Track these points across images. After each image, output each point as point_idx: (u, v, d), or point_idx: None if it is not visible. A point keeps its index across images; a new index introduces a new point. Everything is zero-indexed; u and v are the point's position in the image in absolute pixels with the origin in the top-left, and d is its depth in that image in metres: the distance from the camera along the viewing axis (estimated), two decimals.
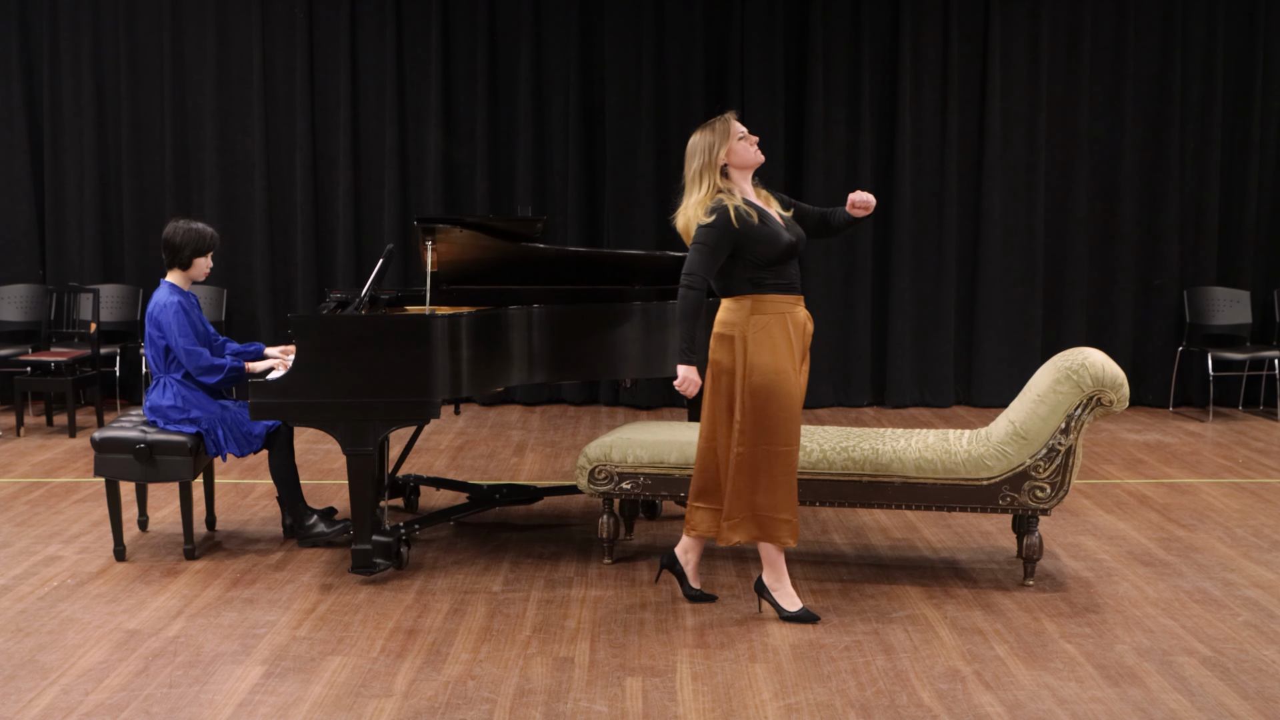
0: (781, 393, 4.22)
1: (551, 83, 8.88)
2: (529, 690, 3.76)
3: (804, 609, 4.36)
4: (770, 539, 4.31)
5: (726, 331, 4.29)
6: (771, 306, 4.26)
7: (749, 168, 4.33)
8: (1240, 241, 8.99)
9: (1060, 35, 8.87)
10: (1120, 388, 4.53)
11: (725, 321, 4.30)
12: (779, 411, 4.23)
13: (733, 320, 4.28)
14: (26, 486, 6.37)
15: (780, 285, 4.28)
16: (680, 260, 5.84)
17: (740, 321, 4.26)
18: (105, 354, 8.32)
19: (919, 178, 8.85)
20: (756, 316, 4.25)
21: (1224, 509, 6.01)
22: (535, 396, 9.02)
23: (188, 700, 3.68)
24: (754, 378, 4.22)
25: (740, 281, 4.28)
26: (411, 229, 8.43)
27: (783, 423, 4.24)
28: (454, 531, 5.53)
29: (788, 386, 4.24)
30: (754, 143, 4.33)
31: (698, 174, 4.30)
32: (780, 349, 4.24)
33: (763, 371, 4.22)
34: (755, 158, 4.33)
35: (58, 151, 8.91)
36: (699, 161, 4.30)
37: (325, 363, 4.67)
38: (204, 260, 5.13)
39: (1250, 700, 3.70)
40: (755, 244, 4.22)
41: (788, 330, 4.26)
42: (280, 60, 8.89)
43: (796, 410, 4.28)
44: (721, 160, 4.28)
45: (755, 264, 4.24)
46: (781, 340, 4.24)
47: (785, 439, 4.25)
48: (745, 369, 4.24)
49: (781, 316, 4.26)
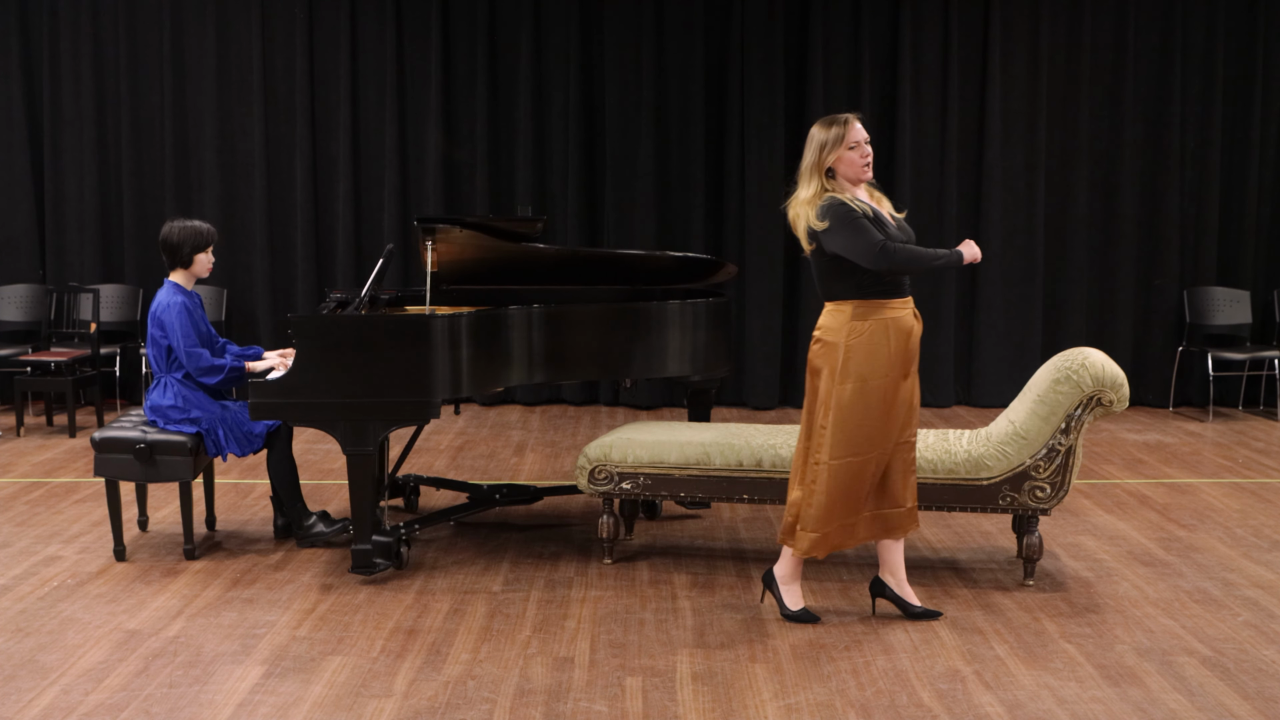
0: (868, 404, 4.12)
1: (551, 83, 8.88)
2: (529, 690, 3.76)
3: (805, 609, 4.35)
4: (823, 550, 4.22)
5: (827, 337, 4.18)
6: (873, 312, 4.13)
7: (853, 181, 4.18)
8: (1240, 241, 8.99)
9: (1060, 35, 8.87)
10: (1120, 388, 4.53)
11: (826, 327, 4.19)
12: (864, 422, 4.13)
13: (834, 326, 4.17)
14: (26, 486, 6.37)
15: (885, 289, 4.15)
16: (680, 260, 5.91)
17: (840, 327, 4.15)
18: (105, 354, 8.31)
19: (919, 178, 8.85)
20: (856, 323, 4.13)
21: (1224, 509, 6.01)
22: (535, 396, 9.02)
23: (188, 700, 3.68)
24: (843, 387, 4.13)
25: (845, 285, 4.15)
26: (411, 229, 8.44)
27: (864, 435, 4.13)
28: (454, 531, 5.53)
29: (874, 398, 4.12)
30: (866, 156, 4.15)
31: (808, 170, 4.17)
32: (877, 357, 4.12)
33: (858, 380, 4.12)
34: (861, 174, 4.16)
35: (58, 151, 8.91)
36: (810, 158, 4.17)
37: (325, 363, 4.68)
38: (205, 256, 5.13)
39: (1250, 700, 3.70)
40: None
41: (889, 337, 4.13)
42: (280, 60, 8.89)
43: (883, 419, 4.15)
44: (829, 163, 4.14)
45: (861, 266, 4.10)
46: (881, 348, 4.12)
47: (857, 448, 4.14)
48: (838, 376, 4.14)
49: (884, 323, 4.13)
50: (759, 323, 8.86)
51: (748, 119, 8.79)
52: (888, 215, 4.23)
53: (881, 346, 4.13)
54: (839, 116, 4.17)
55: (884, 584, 4.41)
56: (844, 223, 4.08)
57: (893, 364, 4.15)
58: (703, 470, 4.88)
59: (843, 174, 4.16)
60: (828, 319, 4.21)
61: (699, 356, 5.43)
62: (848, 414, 4.14)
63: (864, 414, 4.14)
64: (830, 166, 4.15)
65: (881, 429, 4.17)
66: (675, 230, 8.92)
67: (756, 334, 8.87)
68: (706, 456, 4.88)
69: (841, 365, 4.13)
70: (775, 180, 8.80)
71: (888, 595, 4.40)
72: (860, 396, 4.13)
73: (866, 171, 4.17)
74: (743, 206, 8.85)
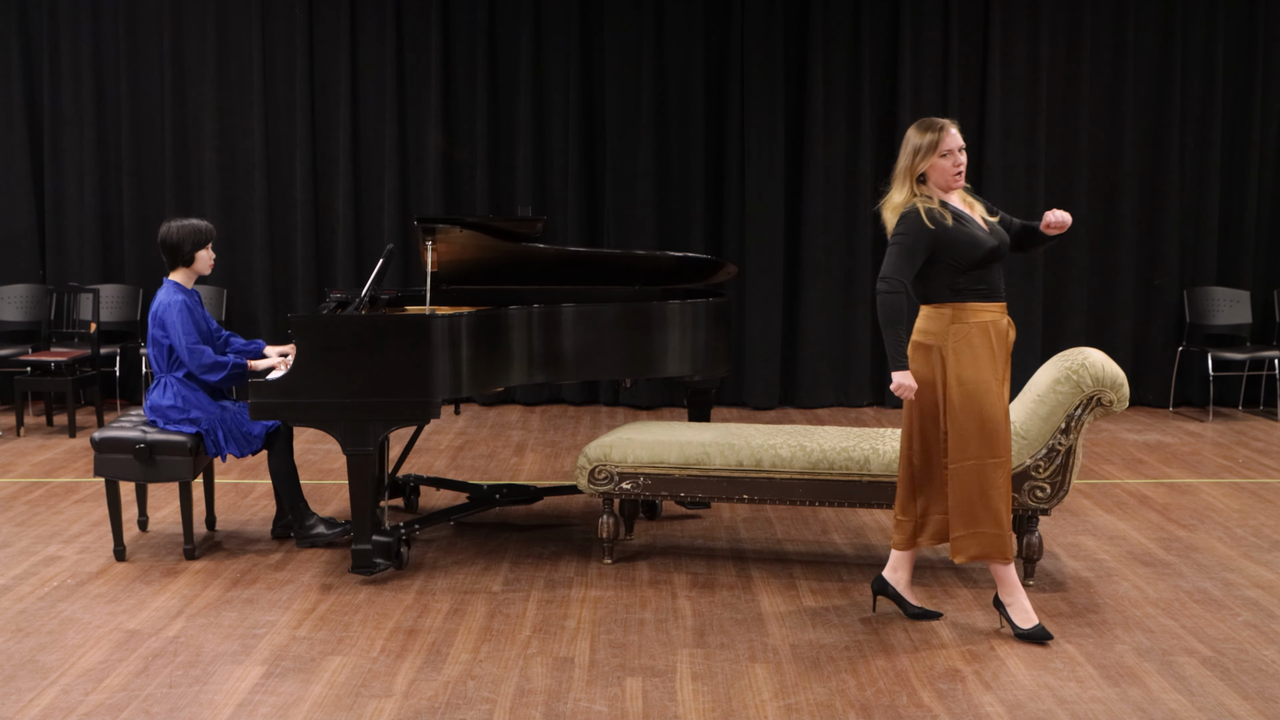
0: (986, 404, 4.06)
1: (551, 83, 8.88)
2: (529, 690, 3.76)
3: (1038, 626, 4.18)
4: (988, 557, 4.16)
5: (926, 341, 4.12)
6: (973, 314, 4.08)
7: (943, 189, 4.13)
8: (1240, 241, 8.99)
9: (1060, 35, 8.87)
10: (1120, 388, 4.53)
11: (924, 330, 4.14)
12: (986, 424, 4.06)
13: (933, 329, 4.12)
14: (26, 486, 6.37)
15: (981, 292, 4.10)
16: (680, 260, 5.91)
17: (940, 331, 4.10)
18: (105, 354, 8.31)
19: None
20: (957, 326, 4.08)
21: (1224, 509, 6.01)
22: (535, 396, 9.02)
23: (188, 700, 3.68)
24: (957, 390, 4.07)
25: (940, 288, 4.10)
26: (411, 229, 8.44)
27: (991, 434, 4.07)
28: (454, 531, 5.53)
29: (991, 398, 4.06)
30: (959, 165, 4.10)
31: (901, 174, 4.14)
32: (982, 359, 4.07)
33: (966, 383, 4.06)
34: (951, 183, 4.11)
35: (58, 151, 8.91)
36: (903, 162, 4.14)
37: (325, 363, 4.68)
38: (205, 253, 5.13)
39: (1250, 700, 3.70)
40: (954, 246, 4.05)
41: (990, 339, 4.09)
42: (280, 60, 8.89)
43: (1002, 421, 4.09)
44: (920, 169, 4.10)
45: (955, 269, 4.07)
46: (983, 350, 4.08)
47: (994, 450, 4.08)
48: (947, 381, 4.08)
49: (984, 325, 4.09)
50: (759, 323, 8.86)
51: (748, 119, 8.79)
52: (980, 219, 4.17)
53: (985, 348, 4.08)
54: (936, 122, 4.13)
55: (885, 582, 4.40)
56: (897, 238, 4.09)
57: (994, 365, 4.10)
58: (703, 470, 4.88)
59: (934, 181, 4.12)
60: (925, 322, 4.16)
61: (699, 356, 5.43)
62: (963, 418, 4.07)
63: (980, 416, 4.06)
64: (922, 172, 4.11)
65: (1005, 431, 4.09)
66: (675, 230, 8.92)
67: (756, 334, 8.87)
68: (706, 456, 4.88)
69: (949, 370, 4.08)
70: (775, 180, 8.81)
71: (889, 593, 4.39)
72: (974, 399, 4.06)
73: (957, 180, 4.12)
74: (743, 206, 8.85)
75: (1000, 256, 4.16)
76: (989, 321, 4.11)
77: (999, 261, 4.16)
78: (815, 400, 8.93)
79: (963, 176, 4.14)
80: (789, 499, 4.85)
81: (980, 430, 4.07)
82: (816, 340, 8.92)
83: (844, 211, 8.88)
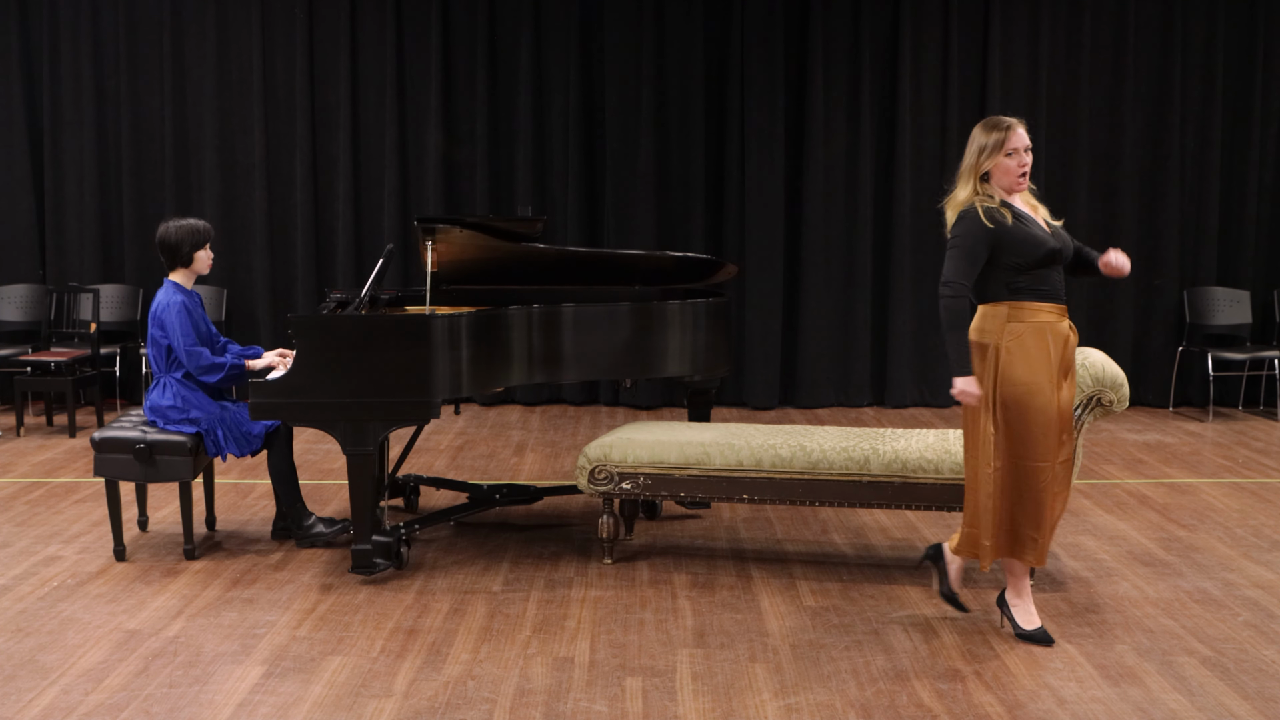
0: (1034, 406, 3.99)
1: (551, 83, 8.88)
2: (529, 690, 3.76)
3: (1040, 629, 4.18)
4: (1017, 555, 4.13)
5: (981, 340, 4.06)
6: (1029, 315, 4.02)
7: (1007, 190, 4.07)
8: (1240, 241, 8.99)
9: (1060, 35, 8.87)
10: (1120, 388, 4.53)
11: (980, 329, 4.07)
12: (1032, 426, 4.00)
13: (988, 328, 4.05)
14: (26, 486, 6.37)
15: (1040, 293, 4.03)
16: (680, 260, 5.91)
17: (995, 330, 4.03)
18: (105, 354, 8.31)
19: (919, 178, 8.85)
20: (1013, 324, 4.01)
21: (1224, 509, 6.01)
22: (535, 396, 9.02)
23: (188, 700, 3.68)
24: (1006, 390, 4.00)
25: (997, 287, 4.05)
26: (411, 229, 8.44)
27: (1037, 437, 4.01)
28: (454, 531, 5.53)
29: (1040, 400, 3.99)
30: (1024, 165, 4.04)
31: (965, 172, 4.10)
32: (1035, 361, 4.00)
33: (1016, 384, 3.99)
34: (1014, 184, 4.06)
35: (58, 151, 8.91)
36: (968, 160, 4.08)
37: (325, 363, 4.67)
38: (204, 253, 5.13)
39: (1250, 700, 3.70)
40: (1013, 245, 3.99)
41: (1046, 341, 4.02)
42: (280, 60, 8.89)
43: (1051, 425, 4.02)
44: (985, 168, 4.05)
45: (1013, 268, 4.01)
46: (1037, 351, 4.01)
47: (1038, 454, 4.02)
48: (998, 380, 4.02)
49: (1040, 326, 4.02)
50: (759, 323, 8.86)
51: (748, 119, 8.79)
52: (1043, 222, 4.12)
53: (1039, 350, 4.01)
54: (1002, 120, 4.07)
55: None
56: (955, 240, 4.06)
57: (1050, 368, 4.02)
58: (703, 470, 4.88)
59: (997, 181, 4.06)
60: (981, 321, 4.11)
61: (699, 356, 5.43)
62: (1013, 418, 4.03)
63: (1029, 419, 4.01)
64: (986, 171, 4.06)
65: (1052, 435, 4.03)
66: (675, 230, 8.92)
67: (756, 334, 8.87)
68: (706, 456, 4.88)
69: (1001, 369, 4.04)
70: (775, 180, 8.80)
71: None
72: (1023, 401, 4.01)
73: (1021, 182, 4.07)
74: (743, 206, 8.85)
75: (1062, 260, 4.10)
76: (1046, 323, 4.03)
77: (1060, 264, 4.10)
78: (815, 400, 8.93)
79: (1027, 178, 4.08)
80: (789, 499, 4.85)
81: (1026, 432, 4.02)
82: (816, 340, 8.92)
83: (844, 211, 8.88)
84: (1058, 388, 4.06)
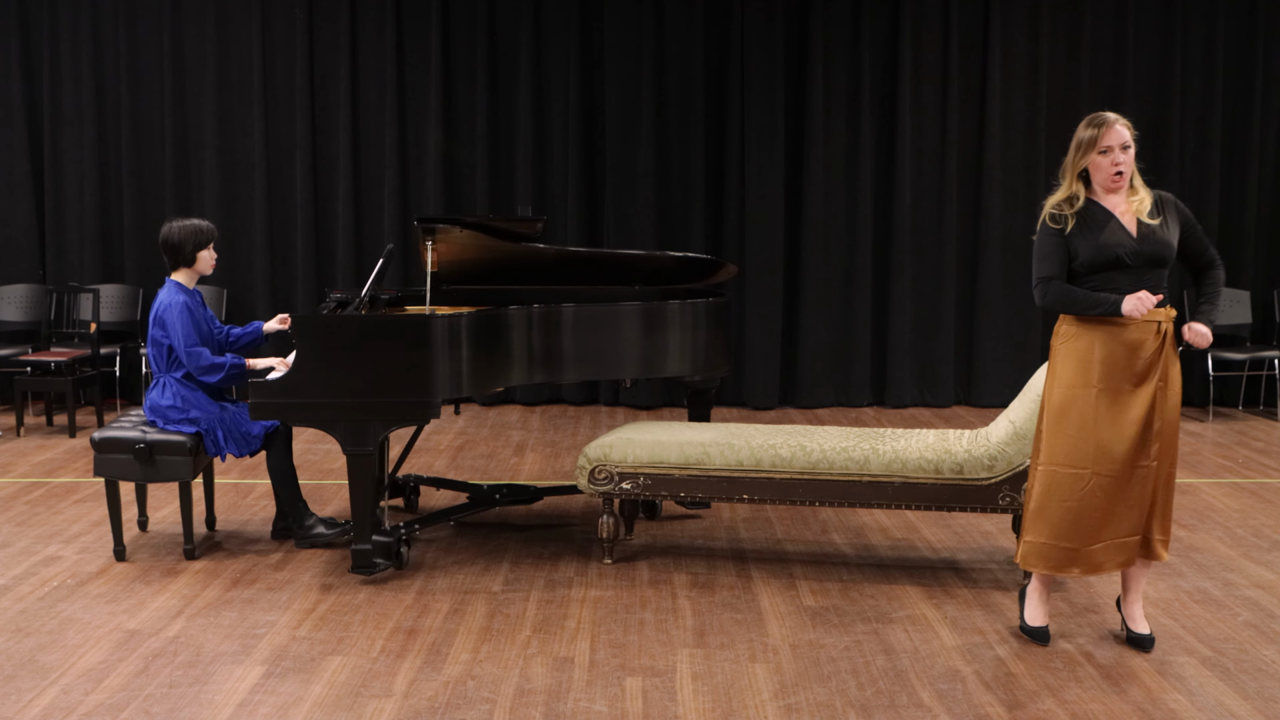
0: (1074, 411, 3.94)
1: (551, 82, 8.88)
2: (529, 690, 3.76)
3: (1033, 628, 4.17)
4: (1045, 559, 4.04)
5: (1052, 341, 4.08)
6: (1087, 320, 3.94)
7: (1104, 189, 3.98)
8: (1240, 241, 8.99)
9: (1060, 35, 8.87)
10: None
11: (1056, 330, 4.08)
12: (1070, 430, 3.95)
13: (1056, 329, 4.06)
14: (26, 486, 6.37)
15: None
16: (680, 260, 5.91)
17: (1061, 332, 4.03)
18: (105, 354, 8.32)
19: (919, 178, 8.85)
20: (1068, 327, 3.99)
21: (1224, 509, 6.01)
22: (535, 396, 9.02)
23: (188, 700, 3.68)
24: (1054, 392, 4.00)
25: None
26: (411, 229, 8.44)
27: (1072, 442, 3.95)
28: (454, 531, 5.53)
29: (1082, 407, 3.93)
30: (1118, 164, 3.92)
31: (1065, 169, 4.06)
32: (1084, 367, 3.93)
33: (1062, 387, 3.97)
34: (1109, 182, 3.95)
35: (58, 151, 8.91)
36: (1068, 158, 4.03)
37: (325, 363, 4.67)
38: (207, 253, 5.13)
39: (1250, 700, 3.70)
40: (1076, 247, 3.93)
41: (1095, 345, 3.92)
42: (280, 60, 8.89)
43: (1086, 432, 3.93)
44: (1081, 165, 3.99)
45: (1077, 271, 3.94)
46: (1087, 357, 3.93)
47: (1070, 460, 3.96)
48: (1050, 381, 4.03)
49: (1093, 331, 3.93)
50: (759, 323, 8.86)
51: (748, 119, 8.79)
52: (1127, 220, 3.96)
53: (1087, 355, 3.94)
54: (1099, 117, 3.98)
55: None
56: (1037, 242, 4.02)
57: (1104, 375, 3.92)
58: (703, 470, 4.88)
59: (1095, 179, 3.99)
60: (1058, 322, 4.09)
61: (699, 356, 5.43)
62: (1056, 420, 4.00)
63: (1068, 423, 3.96)
64: (1085, 169, 4.00)
65: (1091, 443, 3.93)
66: (675, 230, 8.92)
67: (756, 334, 8.87)
68: (706, 456, 4.88)
69: (1051, 370, 4.05)
70: (775, 180, 8.80)
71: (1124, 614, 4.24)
72: (1065, 404, 3.97)
73: (1117, 181, 3.95)
74: (743, 206, 8.85)
75: (1136, 263, 3.91)
76: (1103, 328, 3.92)
77: (1137, 268, 3.91)
78: (815, 400, 8.93)
79: (1122, 178, 3.95)
80: (789, 499, 4.85)
81: (1061, 435, 3.98)
82: (816, 340, 8.92)
83: (844, 211, 8.87)
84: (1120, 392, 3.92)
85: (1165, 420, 3.97)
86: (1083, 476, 3.95)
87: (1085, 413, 3.94)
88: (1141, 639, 4.13)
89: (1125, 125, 3.96)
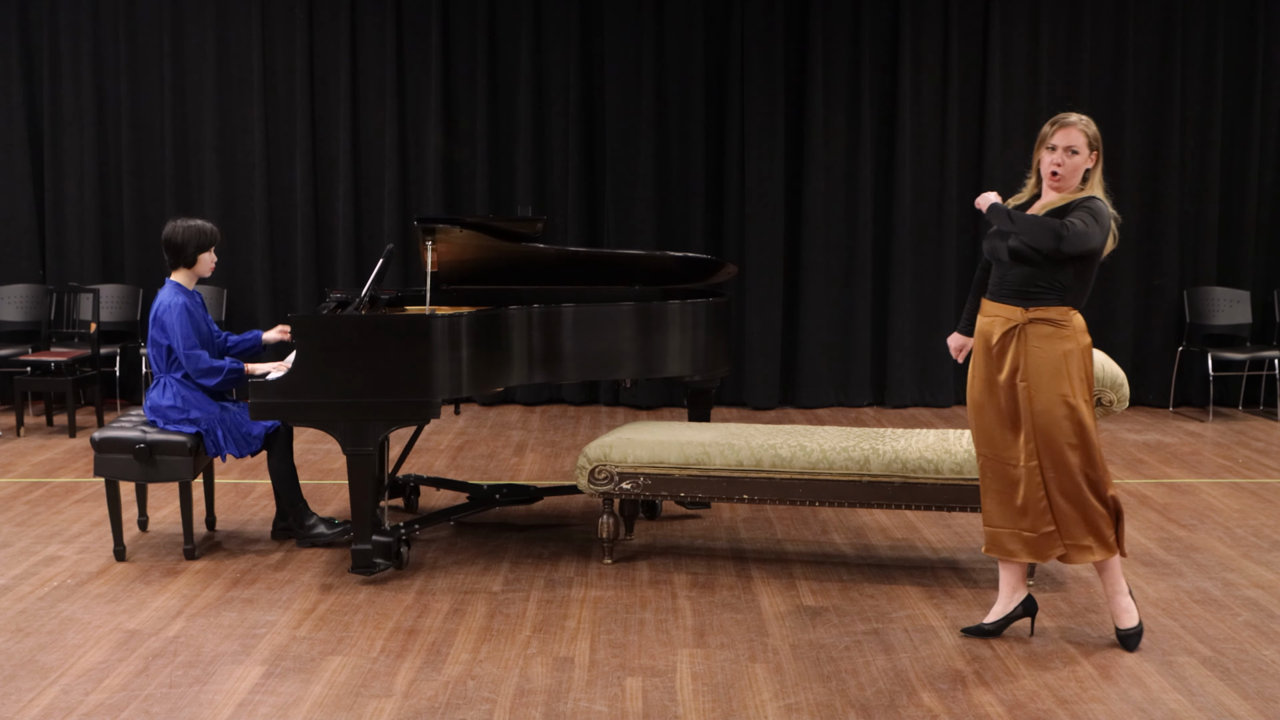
0: (971, 402, 4.13)
1: (551, 83, 8.88)
2: (529, 690, 3.76)
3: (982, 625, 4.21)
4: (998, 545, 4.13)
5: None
6: (982, 312, 4.15)
7: (1045, 186, 4.04)
8: (1240, 241, 8.99)
9: (1060, 35, 8.87)
10: (1120, 388, 4.53)
11: None
12: (973, 415, 4.13)
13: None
14: (26, 486, 6.37)
15: (990, 291, 4.13)
16: (680, 260, 5.91)
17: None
18: (105, 354, 8.31)
19: (919, 178, 8.85)
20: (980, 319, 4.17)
21: (1224, 509, 6.01)
22: (535, 396, 9.02)
23: (188, 700, 3.68)
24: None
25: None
26: (411, 229, 8.43)
27: (976, 427, 4.13)
28: (454, 531, 5.53)
29: (973, 394, 4.11)
30: (1055, 164, 3.94)
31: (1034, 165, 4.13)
32: (976, 358, 4.12)
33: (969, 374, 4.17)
34: (1048, 180, 4.00)
35: (58, 151, 8.91)
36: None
37: (325, 363, 4.67)
38: (208, 256, 5.13)
39: (1250, 700, 3.70)
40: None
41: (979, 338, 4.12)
42: (280, 60, 8.89)
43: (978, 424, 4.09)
44: (1036, 160, 4.04)
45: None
46: (976, 344, 4.13)
47: (982, 445, 4.12)
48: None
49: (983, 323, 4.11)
50: (759, 323, 8.86)
51: (748, 119, 8.79)
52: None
53: (977, 343, 4.13)
54: (1060, 117, 4.01)
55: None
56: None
57: (977, 362, 4.12)
58: (703, 470, 4.88)
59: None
60: None
61: (699, 356, 5.44)
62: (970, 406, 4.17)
63: (973, 409, 4.14)
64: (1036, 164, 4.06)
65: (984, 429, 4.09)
66: (675, 230, 8.92)
67: (756, 334, 8.87)
68: (706, 456, 4.88)
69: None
70: (775, 180, 8.81)
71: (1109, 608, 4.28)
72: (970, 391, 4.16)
73: (1054, 181, 3.98)
74: (743, 206, 8.85)
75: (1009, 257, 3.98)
76: (980, 320, 4.14)
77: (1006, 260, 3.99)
78: (815, 400, 8.93)
79: (1060, 179, 3.96)
80: (789, 499, 4.85)
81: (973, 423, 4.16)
82: (816, 340, 8.92)
83: (844, 211, 8.88)
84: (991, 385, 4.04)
85: (1036, 424, 3.98)
86: (991, 460, 4.11)
87: (974, 398, 4.13)
88: (1120, 635, 4.14)
89: (1083, 130, 3.96)
